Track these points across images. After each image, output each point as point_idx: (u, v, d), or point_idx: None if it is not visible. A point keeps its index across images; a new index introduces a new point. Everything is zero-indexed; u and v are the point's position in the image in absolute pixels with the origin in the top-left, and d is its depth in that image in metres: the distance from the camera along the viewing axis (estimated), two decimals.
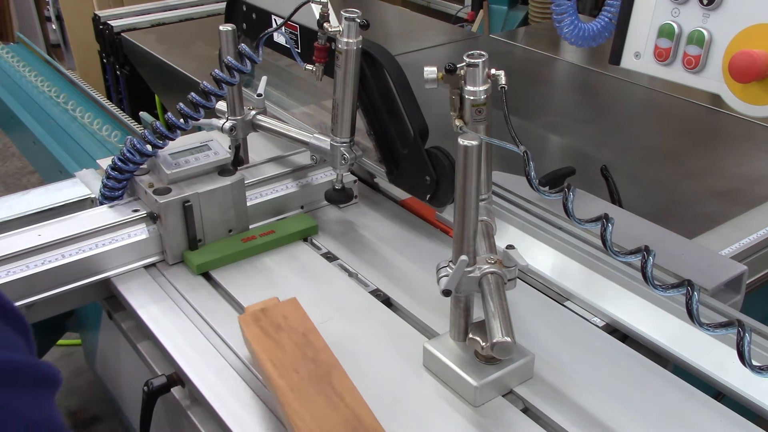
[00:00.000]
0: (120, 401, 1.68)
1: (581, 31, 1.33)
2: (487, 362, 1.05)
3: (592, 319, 1.22)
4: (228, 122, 1.52)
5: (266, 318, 1.11)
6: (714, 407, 1.04)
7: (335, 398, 0.97)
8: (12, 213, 1.40)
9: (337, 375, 1.01)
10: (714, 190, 1.66)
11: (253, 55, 1.27)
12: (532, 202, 1.41)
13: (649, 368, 1.11)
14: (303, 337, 1.07)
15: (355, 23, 1.27)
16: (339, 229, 1.46)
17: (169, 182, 1.31)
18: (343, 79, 1.31)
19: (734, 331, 0.88)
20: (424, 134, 1.28)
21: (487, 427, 1.00)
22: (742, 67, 0.95)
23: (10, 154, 4.12)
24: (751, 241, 1.39)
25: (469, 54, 1.08)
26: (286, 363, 1.02)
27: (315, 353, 1.05)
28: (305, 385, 0.99)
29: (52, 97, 2.31)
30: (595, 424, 1.01)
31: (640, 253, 0.92)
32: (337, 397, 0.97)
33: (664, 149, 1.89)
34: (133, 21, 2.68)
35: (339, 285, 1.30)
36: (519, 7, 3.65)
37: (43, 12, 4.76)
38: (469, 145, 0.93)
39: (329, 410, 0.95)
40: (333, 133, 1.38)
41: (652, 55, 1.08)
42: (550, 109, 2.16)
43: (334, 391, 0.98)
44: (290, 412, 0.95)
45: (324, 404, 0.96)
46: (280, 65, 2.07)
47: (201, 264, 1.31)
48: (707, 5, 0.99)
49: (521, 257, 1.02)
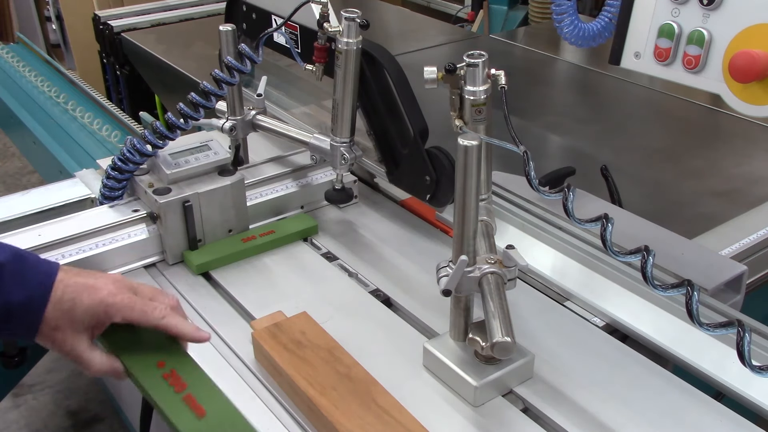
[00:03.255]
0: (120, 401, 1.68)
1: (581, 31, 1.33)
2: (487, 362, 1.05)
3: (592, 319, 1.22)
4: (228, 122, 1.52)
5: (283, 334, 1.10)
6: (714, 407, 1.04)
7: (385, 416, 0.96)
8: (12, 213, 1.40)
9: (377, 391, 1.00)
10: (714, 190, 1.66)
11: (253, 55, 1.27)
12: (532, 202, 1.41)
13: (649, 368, 1.11)
14: (330, 354, 1.07)
15: (355, 23, 1.27)
16: (339, 229, 1.46)
17: (169, 182, 1.31)
18: (343, 79, 1.31)
19: (734, 331, 0.88)
20: (424, 134, 1.28)
21: (487, 427, 1.00)
22: (742, 67, 0.95)
23: (10, 154, 4.12)
24: (751, 241, 1.39)
25: (469, 54, 1.08)
26: (321, 380, 1.02)
27: (347, 370, 1.04)
28: (348, 403, 0.98)
29: (52, 97, 2.31)
30: (595, 424, 1.01)
31: (640, 253, 0.92)
32: (387, 415, 0.96)
33: (664, 149, 1.89)
34: (133, 21, 2.68)
35: (339, 285, 1.30)
36: (519, 7, 3.65)
37: (43, 12, 4.75)
38: (469, 145, 0.93)
39: (382, 426, 0.95)
40: (333, 133, 1.38)
41: (652, 55, 1.08)
42: (550, 109, 2.16)
43: (381, 408, 0.97)
44: (342, 429, 0.95)
45: (375, 421, 0.96)
46: (280, 65, 2.07)
47: (201, 264, 1.31)
48: (707, 5, 0.99)
49: (521, 257, 1.02)
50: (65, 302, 0.93)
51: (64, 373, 2.58)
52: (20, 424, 2.40)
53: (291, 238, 1.40)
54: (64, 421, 2.42)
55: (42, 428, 2.40)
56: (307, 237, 1.43)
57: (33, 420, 2.42)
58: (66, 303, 0.93)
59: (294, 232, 1.41)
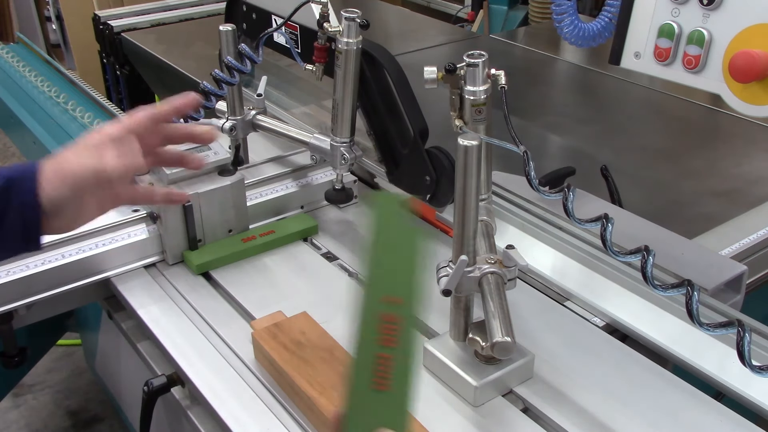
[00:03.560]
0: (120, 401, 1.68)
1: (581, 31, 1.33)
2: (487, 362, 1.05)
3: (592, 319, 1.22)
4: (228, 122, 1.52)
5: (283, 334, 1.10)
6: (714, 407, 1.04)
7: None
8: None
9: None
10: (714, 190, 1.66)
11: (253, 55, 1.27)
12: (532, 202, 1.41)
13: (649, 368, 1.11)
14: (330, 354, 1.07)
15: (355, 23, 1.27)
16: (339, 229, 1.46)
17: (169, 182, 1.31)
18: (343, 79, 1.31)
19: (734, 331, 0.88)
20: (424, 134, 1.28)
21: (487, 427, 1.00)
22: (742, 67, 0.95)
23: (10, 154, 4.12)
24: (751, 241, 1.39)
25: (469, 54, 1.08)
26: (321, 380, 1.02)
27: None
28: None
29: (52, 97, 2.30)
30: (595, 424, 1.01)
31: (640, 253, 0.92)
32: None
33: (664, 149, 1.89)
34: (133, 21, 2.68)
35: (339, 285, 1.30)
36: (519, 7, 3.65)
37: (43, 12, 4.75)
38: (469, 145, 0.93)
39: None
40: (333, 133, 1.38)
41: (652, 55, 1.07)
42: (550, 109, 2.16)
43: None
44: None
45: None
46: (280, 65, 2.07)
47: (201, 264, 1.31)
48: (707, 5, 0.99)
49: (521, 257, 1.02)
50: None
51: (64, 373, 2.59)
52: (20, 424, 2.41)
53: (291, 238, 1.40)
54: (64, 421, 2.42)
55: (42, 428, 2.40)
56: (307, 237, 1.43)
57: (33, 420, 2.43)
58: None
59: (294, 232, 1.41)
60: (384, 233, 0.71)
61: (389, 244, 0.72)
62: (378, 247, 0.71)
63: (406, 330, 0.70)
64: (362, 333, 0.70)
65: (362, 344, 0.70)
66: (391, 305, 0.71)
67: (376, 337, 0.70)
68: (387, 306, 0.70)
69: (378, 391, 0.68)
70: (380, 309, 0.71)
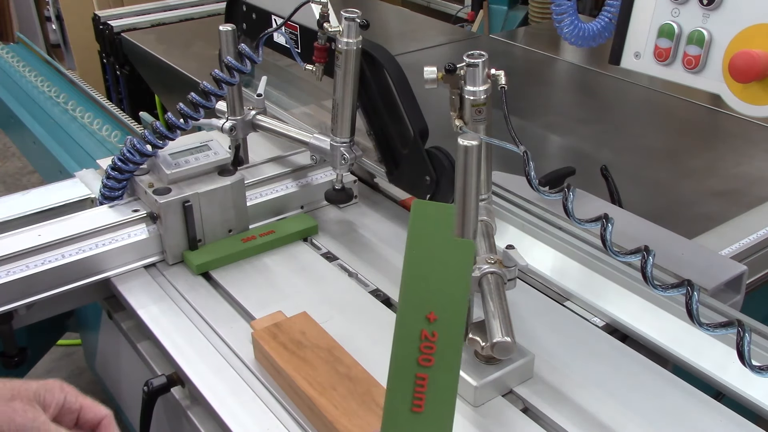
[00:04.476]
0: (120, 401, 1.68)
1: (581, 31, 1.33)
2: (487, 362, 1.05)
3: (592, 319, 1.22)
4: (228, 122, 1.52)
5: (283, 334, 1.10)
6: (714, 407, 1.04)
7: None
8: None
9: (377, 392, 1.00)
10: (714, 190, 1.66)
11: (253, 55, 1.27)
12: (532, 202, 1.41)
13: (649, 368, 1.11)
14: (329, 354, 1.07)
15: (355, 23, 1.27)
16: (339, 229, 1.46)
17: (169, 182, 1.31)
18: (343, 79, 1.31)
19: (734, 331, 0.88)
20: (424, 134, 1.28)
21: (487, 427, 1.00)
22: (742, 67, 0.95)
23: (10, 154, 4.12)
24: (751, 241, 1.39)
25: (469, 54, 1.08)
26: (320, 380, 1.02)
27: (347, 370, 1.04)
28: (348, 402, 0.98)
29: (52, 97, 2.31)
30: (595, 424, 1.00)
31: (640, 253, 0.92)
32: None
33: (664, 149, 1.89)
34: (133, 21, 2.68)
35: (339, 285, 1.30)
36: (519, 7, 3.65)
37: (43, 12, 4.75)
38: (469, 145, 0.93)
39: None
40: (333, 133, 1.38)
41: (652, 55, 1.08)
42: (550, 109, 2.16)
43: (381, 408, 0.97)
44: (342, 429, 0.94)
45: (375, 421, 0.95)
46: (280, 65, 2.07)
47: (201, 264, 1.31)
48: (707, 5, 0.99)
49: (521, 257, 1.02)
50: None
51: (64, 373, 2.58)
52: None
53: (291, 238, 1.40)
54: None
55: None
56: (307, 237, 1.43)
57: None
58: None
59: (294, 232, 1.41)
60: (426, 244, 0.67)
61: (432, 256, 0.67)
62: (419, 259, 0.67)
63: (451, 349, 0.67)
64: (401, 352, 0.67)
65: (401, 363, 0.67)
66: (435, 323, 0.67)
67: (416, 356, 0.66)
68: (429, 323, 0.67)
69: (417, 413, 0.66)
70: (422, 326, 0.67)
